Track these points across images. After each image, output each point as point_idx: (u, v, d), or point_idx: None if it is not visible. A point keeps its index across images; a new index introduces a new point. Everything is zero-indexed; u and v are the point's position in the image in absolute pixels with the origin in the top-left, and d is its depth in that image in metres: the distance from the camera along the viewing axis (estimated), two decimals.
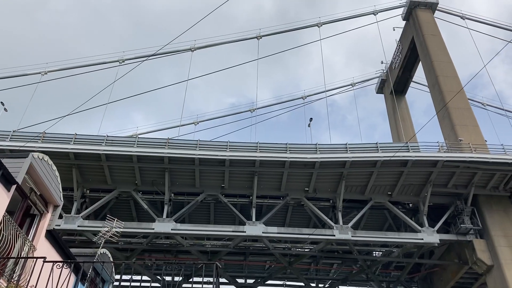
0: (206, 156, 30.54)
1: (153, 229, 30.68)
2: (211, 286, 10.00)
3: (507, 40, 42.37)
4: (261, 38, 44.01)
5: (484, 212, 32.69)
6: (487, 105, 48.10)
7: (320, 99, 50.84)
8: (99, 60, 41.59)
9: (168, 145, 30.96)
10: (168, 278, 30.23)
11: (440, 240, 31.94)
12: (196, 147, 31.12)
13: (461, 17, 48.05)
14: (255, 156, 30.75)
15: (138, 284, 28.87)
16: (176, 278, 35.06)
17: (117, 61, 41.24)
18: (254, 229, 31.31)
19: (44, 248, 12.06)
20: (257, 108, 47.31)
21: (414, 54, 48.99)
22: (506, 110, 47.87)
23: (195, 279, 33.90)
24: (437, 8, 48.32)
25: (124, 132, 43.77)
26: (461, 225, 31.90)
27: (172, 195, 32.72)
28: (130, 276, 16.96)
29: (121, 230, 17.62)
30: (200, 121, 46.69)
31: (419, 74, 50.59)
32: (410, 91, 55.31)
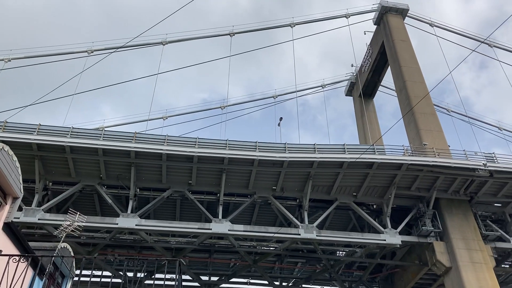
0: (174, 152, 30.20)
1: (117, 224, 30.13)
2: (173, 283, 9.88)
3: (472, 49, 43.76)
4: (234, 35, 43.89)
5: (445, 215, 33.64)
6: (451, 111, 49.53)
7: (291, 98, 51.24)
8: (67, 49, 40.53)
9: (135, 139, 30.46)
10: (130, 274, 29.73)
11: (402, 241, 32.67)
12: (164, 142, 30.74)
13: (430, 25, 49.29)
14: (224, 154, 30.63)
15: (98, 279, 28.24)
16: (139, 274, 34.58)
17: (86, 51, 40.28)
18: (220, 226, 31.20)
19: (0, 241, 11.63)
20: (228, 105, 47.25)
21: (384, 59, 49.92)
22: (469, 117, 49.43)
23: (158, 275, 33.44)
24: (408, 14, 49.39)
25: (91, 124, 42.88)
26: (423, 228, 32.72)
27: (138, 190, 32.21)
28: (90, 272, 16.57)
29: (84, 224, 17.22)
30: (169, 116, 46.20)
31: (388, 78, 51.66)
32: (379, 94, 56.43)
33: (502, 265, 36.54)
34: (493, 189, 34.11)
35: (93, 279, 13.43)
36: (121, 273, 34.79)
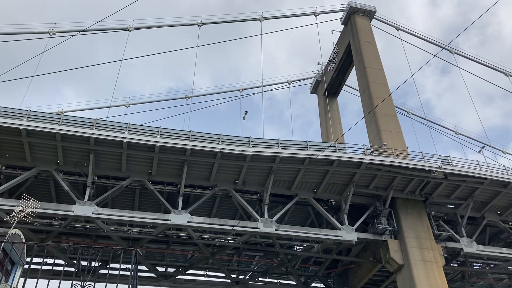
0: (135, 140, 29.67)
1: (73, 211, 29.38)
2: (129, 273, 9.70)
3: (435, 54, 45.12)
4: (202, 25, 43.44)
5: (400, 214, 34.66)
6: (411, 113, 50.97)
7: (257, 93, 51.31)
8: (28, 29, 38.99)
9: (95, 126, 29.72)
10: (85, 263, 29.05)
11: (358, 238, 33.44)
12: (126, 130, 30.15)
13: (396, 28, 50.43)
14: (187, 145, 30.35)
15: (50, 267, 27.42)
16: (94, 264, 33.84)
17: (48, 32, 38.86)
18: (179, 218, 30.96)
19: None
20: (193, 96, 46.79)
21: (349, 59, 50.71)
22: (428, 120, 51.01)
23: (114, 265, 32.88)
24: (375, 16, 50.32)
25: (51, 108, 41.50)
26: (378, 225, 33.59)
27: (96, 178, 31.49)
28: (42, 259, 16.07)
29: (37, 210, 16.67)
30: (132, 104, 45.34)
31: (352, 78, 52.55)
32: (345, 93, 57.35)
33: (451, 264, 38.02)
34: (447, 191, 35.39)
35: (44, 267, 13.03)
36: (74, 261, 33.96)
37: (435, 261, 32.85)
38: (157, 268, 39.22)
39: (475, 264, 42.23)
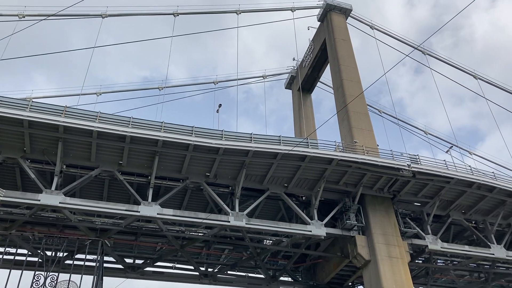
0: (105, 130, 29.12)
1: (39, 200, 28.65)
2: (95, 263, 9.54)
3: (409, 54, 45.90)
4: (178, 15, 42.89)
5: (368, 211, 35.25)
6: (383, 112, 51.80)
7: (232, 86, 51.18)
8: None
9: (65, 114, 29.01)
10: (50, 253, 28.43)
11: (326, 233, 33.84)
12: (96, 119, 29.56)
13: (371, 27, 51.03)
14: (159, 136, 30.00)
15: (12, 257, 26.72)
16: (59, 254, 33.15)
17: (17, 15, 37.64)
18: (149, 209, 30.64)
19: None
20: (167, 87, 46.23)
21: (324, 56, 51.05)
22: (399, 119, 51.93)
23: (81, 256, 32.21)
24: (350, 14, 50.77)
25: (21, 94, 40.35)
26: (347, 221, 34.09)
27: (64, 166, 30.79)
28: (4, 248, 15.63)
29: (2, 198, 16.21)
30: (104, 92, 44.49)
31: (327, 75, 52.97)
32: (320, 90, 57.75)
33: (416, 261, 38.98)
34: (414, 189, 36.17)
35: (6, 257, 12.67)
36: (40, 251, 33.18)
37: (401, 257, 33.59)
38: (125, 259, 38.77)
39: (439, 261, 43.49)
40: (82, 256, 32.64)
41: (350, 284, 41.15)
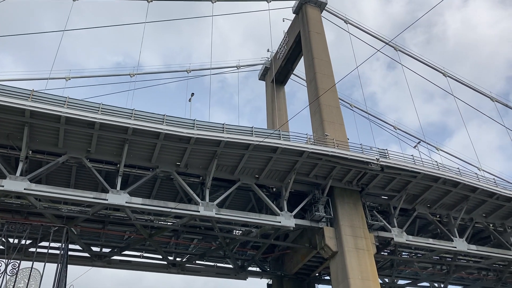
0: (74, 115, 28.43)
1: (3, 186, 27.82)
2: (59, 251, 9.34)
3: (381, 49, 46.52)
4: (151, 1, 42.11)
5: (337, 203, 35.77)
6: (354, 106, 52.46)
7: (206, 75, 50.76)
8: None
9: (31, 98, 28.18)
10: (12, 240, 27.67)
11: (295, 224, 34.20)
12: (64, 104, 28.83)
13: (345, 21, 51.41)
14: (129, 123, 29.52)
15: None
16: (22, 241, 32.35)
17: None
18: (117, 198, 30.22)
19: None
20: (139, 74, 45.45)
21: (298, 48, 51.19)
22: (369, 114, 52.72)
23: (46, 243, 31.56)
24: (326, 8, 50.98)
25: None
26: (316, 213, 34.52)
27: (30, 152, 29.96)
28: None
29: None
30: (73, 77, 43.34)
31: (300, 67, 53.16)
32: (295, 82, 57.93)
33: (382, 253, 39.92)
34: (382, 183, 36.89)
35: None
36: (1, 238, 32.31)
37: (367, 249, 34.30)
38: (92, 248, 38.23)
39: (403, 253, 44.63)
40: (47, 243, 32.14)
41: (317, 274, 41.84)
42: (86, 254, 37.74)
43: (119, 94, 42.43)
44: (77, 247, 37.15)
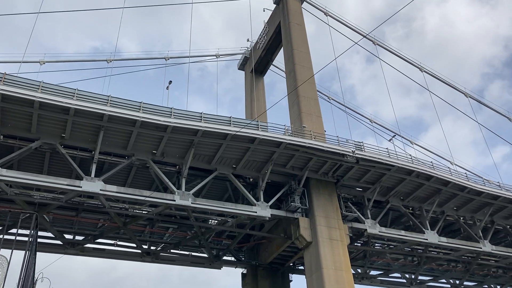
0: (48, 100, 27.83)
1: None
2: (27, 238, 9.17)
3: (361, 42, 46.79)
4: None
5: (313, 194, 36.11)
6: (332, 99, 52.76)
7: (185, 63, 50.25)
8: None
9: (3, 81, 27.45)
10: None
11: (271, 214, 34.40)
12: (39, 89, 28.17)
13: (325, 13, 51.46)
14: (105, 110, 29.06)
15: None
16: None
17: None
18: (92, 185, 29.81)
19: None
20: (116, 60, 44.64)
21: (278, 39, 51.07)
22: (346, 107, 53.09)
23: (15, 230, 30.99)
24: None
25: None
26: (292, 203, 34.81)
27: (2, 137, 29.25)
28: None
29: None
30: (48, 61, 42.25)
31: (280, 58, 53.03)
32: (275, 73, 57.80)
33: (355, 244, 40.56)
34: (357, 175, 37.37)
35: None
36: None
37: (341, 240, 34.80)
38: (64, 235, 37.72)
39: (376, 244, 45.47)
40: (21, 231, 31.50)
41: (291, 264, 42.28)
42: (59, 242, 37.24)
43: (96, 80, 41.49)
44: (50, 234, 36.64)
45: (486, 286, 53.79)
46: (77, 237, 38.69)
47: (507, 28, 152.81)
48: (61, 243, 37.30)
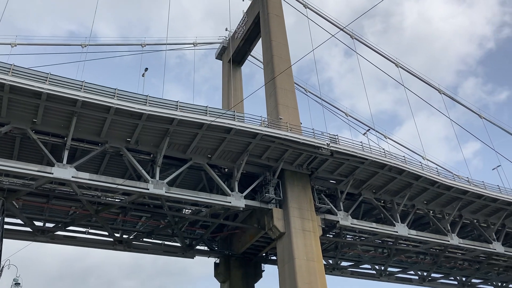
0: (19, 84, 27.10)
1: None
2: None
3: (340, 36, 47.08)
4: None
5: (287, 186, 36.38)
6: (308, 91, 53.00)
7: (162, 50, 49.61)
8: None
9: None
10: None
11: (245, 205, 34.55)
12: (9, 72, 27.39)
13: (304, 6, 51.49)
14: (78, 96, 28.49)
15: None
16: None
17: None
18: (63, 172, 29.28)
19: None
20: (91, 45, 43.71)
21: (257, 29, 50.88)
22: (323, 100, 53.44)
23: None
24: None
25: None
26: (266, 194, 35.00)
27: None
28: None
29: None
30: (20, 44, 41.05)
31: (258, 49, 52.87)
32: (253, 64, 57.58)
33: (327, 235, 41.11)
34: (331, 168, 37.78)
35: None
36: None
37: (313, 231, 35.23)
38: (34, 222, 37.03)
39: (348, 236, 46.21)
40: None
41: (264, 255, 42.60)
42: (28, 229, 36.53)
43: (70, 65, 40.44)
44: (19, 221, 35.90)
45: (452, 278, 55.40)
46: (48, 224, 38.03)
47: (482, 26, 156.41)
48: (31, 230, 36.61)
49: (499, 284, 57.16)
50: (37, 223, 37.49)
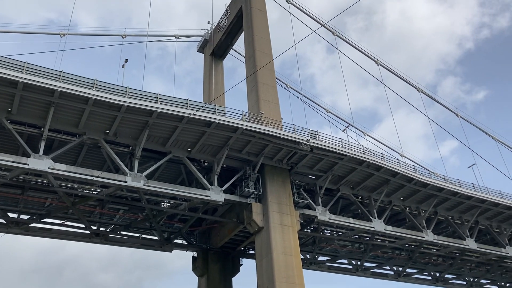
0: None
1: None
2: None
3: (322, 32, 47.24)
4: None
5: (267, 180, 36.49)
6: (290, 87, 53.14)
7: (142, 42, 49.04)
8: None
9: None
10: None
11: (225, 199, 34.54)
12: None
13: (287, 1, 51.44)
14: (56, 86, 27.95)
15: None
16: None
17: None
18: (40, 163, 28.77)
19: None
20: (70, 34, 42.90)
21: (239, 23, 50.70)
22: (304, 96, 53.68)
23: None
24: None
25: None
26: (245, 189, 35.06)
27: None
28: None
29: None
30: None
31: (240, 43, 52.69)
32: (235, 58, 57.36)
33: (305, 230, 41.41)
34: (311, 163, 38.04)
35: None
36: None
37: (292, 225, 35.45)
38: (9, 214, 36.33)
39: (325, 231, 46.68)
40: None
41: (242, 249, 42.72)
42: (2, 220, 35.86)
43: (49, 54, 39.57)
44: None
45: (426, 273, 56.57)
46: (22, 216, 37.37)
47: (462, 26, 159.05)
48: (4, 222, 35.92)
49: (471, 279, 58.65)
50: (11, 215, 36.82)
